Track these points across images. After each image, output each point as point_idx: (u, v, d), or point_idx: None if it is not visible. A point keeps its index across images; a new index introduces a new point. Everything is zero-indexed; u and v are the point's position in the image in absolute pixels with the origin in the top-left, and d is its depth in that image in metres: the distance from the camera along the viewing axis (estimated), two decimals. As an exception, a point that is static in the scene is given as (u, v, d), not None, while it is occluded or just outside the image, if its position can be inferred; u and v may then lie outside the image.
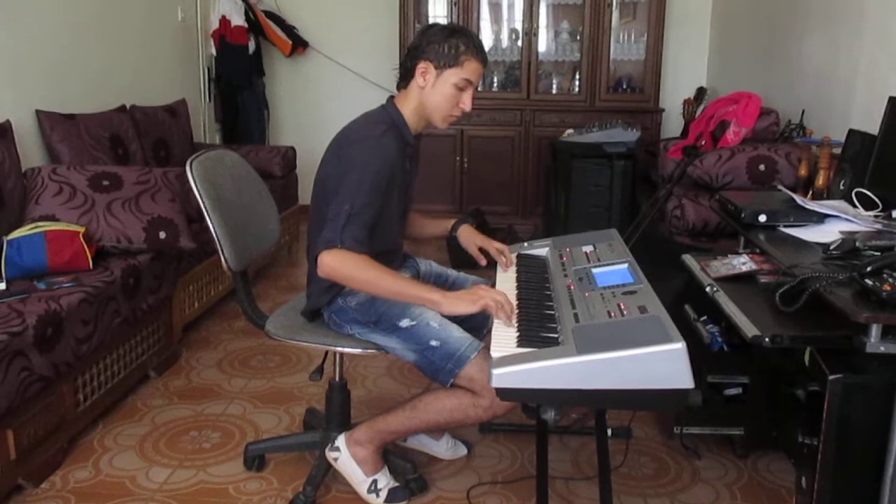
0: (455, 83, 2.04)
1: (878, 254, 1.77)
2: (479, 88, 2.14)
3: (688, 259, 2.23)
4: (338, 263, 1.90)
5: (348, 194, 1.93)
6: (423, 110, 2.09)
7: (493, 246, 2.28)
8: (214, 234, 2.10)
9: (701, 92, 4.97)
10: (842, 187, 2.56)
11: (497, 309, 1.81)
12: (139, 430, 2.62)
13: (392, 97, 2.15)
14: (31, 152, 3.17)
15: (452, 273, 2.37)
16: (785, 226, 2.22)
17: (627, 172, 4.29)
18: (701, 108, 4.63)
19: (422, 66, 2.04)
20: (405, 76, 2.09)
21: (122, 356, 2.76)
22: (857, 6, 3.24)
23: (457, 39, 2.03)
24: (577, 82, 5.16)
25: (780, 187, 2.66)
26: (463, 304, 1.88)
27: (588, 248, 2.15)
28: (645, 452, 2.50)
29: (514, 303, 1.89)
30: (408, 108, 2.10)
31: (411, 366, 2.04)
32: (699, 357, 1.75)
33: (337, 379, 2.29)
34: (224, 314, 3.70)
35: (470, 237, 2.33)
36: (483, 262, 2.28)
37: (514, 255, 2.27)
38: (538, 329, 1.74)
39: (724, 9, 5.11)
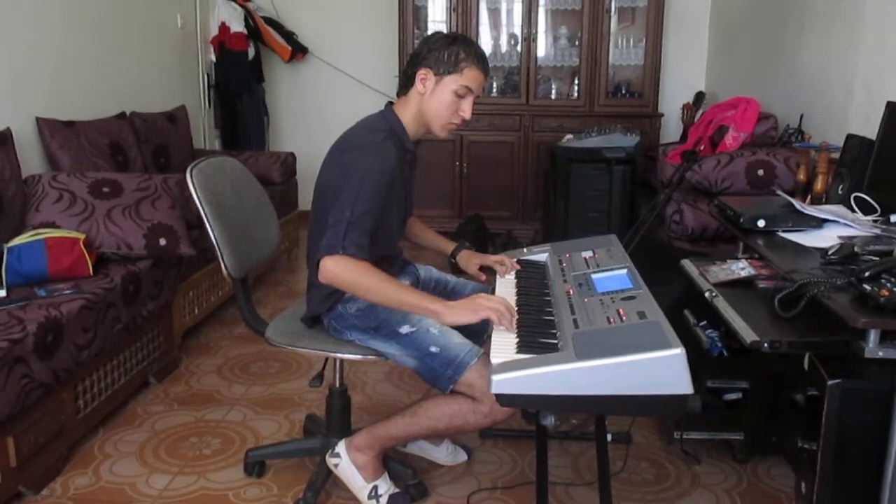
0: (454, 90, 2.05)
1: (877, 259, 1.77)
2: (478, 93, 2.15)
3: (687, 264, 2.23)
4: (340, 269, 1.91)
5: (349, 201, 1.93)
6: (423, 117, 2.11)
7: (492, 260, 2.31)
8: (214, 241, 2.10)
9: (700, 97, 4.98)
10: (840, 192, 2.56)
11: (499, 318, 1.82)
12: (139, 436, 2.62)
13: (390, 103, 2.17)
14: (31, 159, 3.18)
15: (452, 279, 2.37)
16: (783, 231, 2.22)
17: (626, 177, 4.31)
18: (700, 112, 4.63)
19: (422, 72, 2.06)
20: (406, 83, 2.11)
21: (123, 363, 2.76)
22: (856, 11, 3.25)
23: (457, 47, 2.05)
24: (575, 87, 5.18)
25: (778, 192, 2.66)
26: (465, 314, 1.90)
27: (587, 254, 2.15)
28: (645, 458, 2.50)
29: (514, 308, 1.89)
30: (407, 114, 2.11)
31: (411, 372, 2.04)
32: (699, 362, 1.75)
33: (337, 385, 2.29)
34: (224, 320, 3.70)
35: (469, 260, 2.37)
36: (483, 278, 2.33)
37: (513, 261, 2.28)
38: (538, 335, 1.74)
39: (723, 13, 5.13)
